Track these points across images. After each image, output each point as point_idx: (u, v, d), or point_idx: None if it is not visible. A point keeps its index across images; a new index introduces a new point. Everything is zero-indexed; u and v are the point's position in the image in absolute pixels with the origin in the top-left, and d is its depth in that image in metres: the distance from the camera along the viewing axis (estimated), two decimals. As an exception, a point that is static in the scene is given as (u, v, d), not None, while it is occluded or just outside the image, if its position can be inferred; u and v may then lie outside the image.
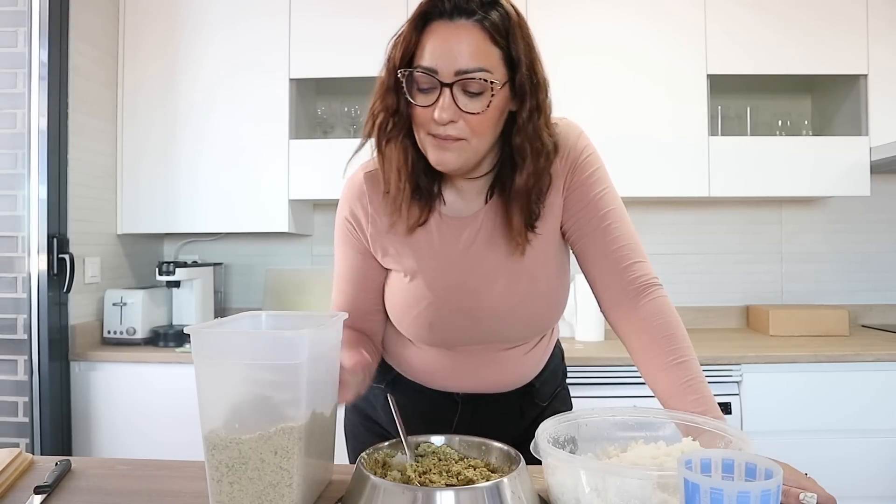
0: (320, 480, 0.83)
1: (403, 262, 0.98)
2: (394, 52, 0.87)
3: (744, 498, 0.51)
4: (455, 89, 0.83)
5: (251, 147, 2.30)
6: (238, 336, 0.80)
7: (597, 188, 0.97)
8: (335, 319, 0.83)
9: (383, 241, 0.99)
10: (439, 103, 0.83)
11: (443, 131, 0.84)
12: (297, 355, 0.71)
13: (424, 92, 0.85)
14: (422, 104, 0.85)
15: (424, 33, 0.85)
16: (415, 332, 1.00)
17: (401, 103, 0.88)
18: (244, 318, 0.87)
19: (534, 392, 1.08)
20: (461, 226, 0.97)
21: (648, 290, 0.95)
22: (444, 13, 0.83)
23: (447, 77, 0.83)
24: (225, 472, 0.72)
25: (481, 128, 0.86)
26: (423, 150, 0.89)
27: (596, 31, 2.25)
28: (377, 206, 0.98)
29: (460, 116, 0.84)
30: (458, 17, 0.83)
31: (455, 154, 0.86)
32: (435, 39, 0.83)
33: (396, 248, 0.98)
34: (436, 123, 0.84)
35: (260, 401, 0.75)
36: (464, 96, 0.83)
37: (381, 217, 0.98)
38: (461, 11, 0.83)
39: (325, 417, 0.82)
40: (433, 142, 0.87)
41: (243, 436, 0.72)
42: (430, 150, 0.88)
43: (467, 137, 0.85)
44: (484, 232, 0.96)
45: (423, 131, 0.87)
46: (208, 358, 0.74)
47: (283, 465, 0.72)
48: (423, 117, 0.86)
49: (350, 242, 1.02)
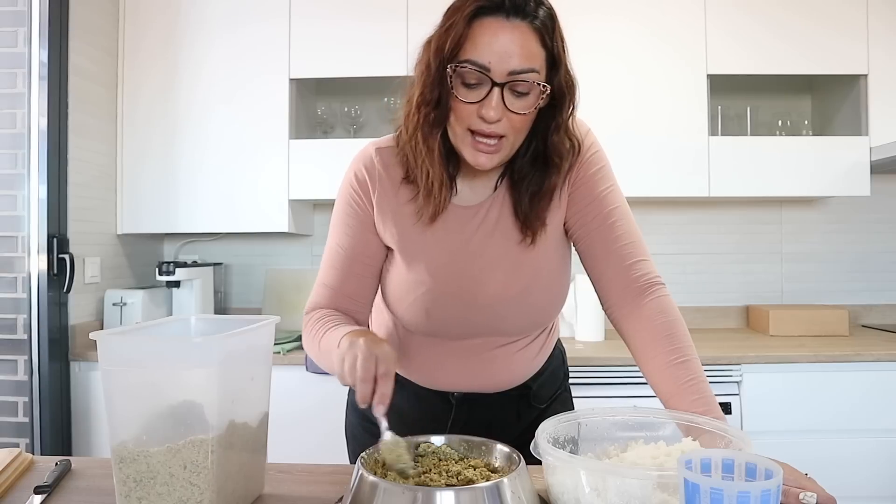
0: (243, 496, 0.78)
1: (405, 244, 0.97)
2: (441, 43, 0.84)
3: (744, 498, 0.51)
4: (505, 89, 0.82)
5: (251, 147, 2.30)
6: (145, 342, 0.76)
7: (602, 185, 0.97)
8: (263, 324, 0.80)
9: (386, 218, 0.97)
10: (489, 102, 0.82)
11: (488, 128, 0.84)
12: (208, 362, 0.68)
13: (470, 87, 0.84)
14: (468, 100, 0.84)
15: (473, 26, 0.83)
16: (411, 319, 0.99)
17: (443, 96, 0.86)
18: (171, 322, 0.83)
19: (531, 394, 1.07)
20: (468, 214, 0.97)
21: (651, 288, 0.95)
22: (501, 10, 0.82)
23: (500, 77, 0.82)
24: (133, 486, 0.69)
25: (522, 126, 0.87)
26: (457, 145, 0.89)
27: (596, 32, 2.24)
28: (385, 183, 0.97)
29: (505, 115, 0.84)
30: (515, 16, 0.82)
31: (494, 156, 0.87)
32: (488, 36, 0.82)
33: (400, 230, 0.97)
34: (481, 120, 0.84)
35: (168, 411, 0.70)
36: (511, 95, 0.83)
37: (387, 194, 0.97)
38: (518, 11, 0.82)
39: (250, 428, 0.78)
40: (472, 142, 0.86)
41: (151, 448, 0.68)
42: (467, 150, 0.87)
43: (507, 134, 0.86)
44: (489, 221, 0.97)
45: (462, 126, 0.86)
46: (115, 365, 0.70)
47: (193, 479, 0.68)
48: (467, 112, 0.85)
49: (353, 212, 0.99)
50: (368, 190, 0.98)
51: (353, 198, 0.99)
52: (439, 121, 0.88)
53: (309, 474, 0.93)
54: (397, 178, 0.97)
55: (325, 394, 1.97)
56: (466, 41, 0.83)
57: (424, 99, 0.87)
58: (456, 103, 0.85)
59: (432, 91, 0.86)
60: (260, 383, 0.80)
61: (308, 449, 1.55)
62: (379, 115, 2.53)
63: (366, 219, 0.99)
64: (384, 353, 0.79)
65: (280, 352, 2.06)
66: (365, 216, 0.99)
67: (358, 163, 1.00)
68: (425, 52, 0.88)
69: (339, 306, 1.00)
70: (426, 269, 0.96)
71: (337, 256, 1.00)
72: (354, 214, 0.99)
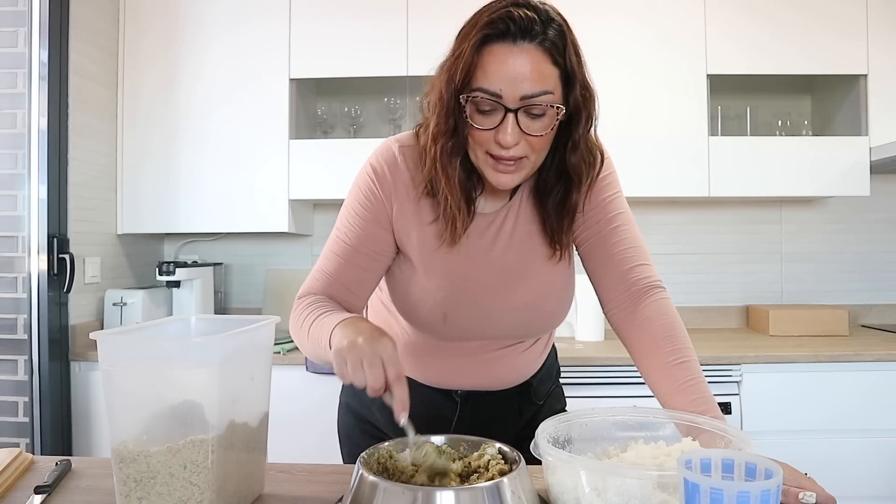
0: (243, 496, 0.79)
1: (427, 259, 0.96)
2: (452, 73, 0.84)
3: (744, 498, 0.51)
4: (520, 113, 0.82)
5: (251, 147, 2.30)
6: (145, 341, 0.76)
7: (608, 191, 0.99)
8: (263, 324, 0.80)
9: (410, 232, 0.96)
10: (504, 128, 0.82)
11: (506, 153, 0.84)
12: (208, 362, 0.67)
13: (484, 113, 0.84)
14: (483, 127, 0.84)
15: (482, 54, 0.82)
16: (427, 325, 0.99)
17: (459, 124, 0.86)
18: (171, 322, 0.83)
19: (531, 390, 1.09)
20: (486, 223, 0.97)
21: (651, 291, 0.96)
22: (508, 35, 0.81)
23: (512, 102, 0.82)
24: (133, 486, 0.68)
25: (541, 146, 0.87)
26: (479, 168, 0.89)
27: (596, 32, 2.25)
28: (408, 185, 0.95)
29: (522, 138, 0.84)
30: (522, 40, 0.81)
31: (516, 175, 0.87)
32: (497, 63, 0.81)
33: (422, 248, 0.96)
34: (499, 146, 0.84)
35: (169, 411, 0.70)
36: (526, 118, 0.83)
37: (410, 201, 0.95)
38: (525, 34, 0.81)
39: (250, 428, 0.78)
40: (493, 163, 0.86)
41: (151, 448, 0.68)
42: (488, 171, 0.87)
43: (528, 155, 0.86)
44: (506, 228, 0.97)
45: (481, 151, 0.86)
46: (115, 365, 0.69)
47: (192, 479, 0.68)
48: (484, 137, 0.85)
49: (367, 203, 0.96)
50: (390, 188, 0.95)
51: (370, 188, 0.96)
52: (458, 150, 0.88)
53: (309, 474, 0.93)
54: (421, 188, 0.95)
55: (325, 394, 1.96)
56: (477, 69, 0.82)
57: (440, 130, 0.87)
58: (472, 131, 0.85)
59: (447, 121, 0.86)
60: (260, 383, 0.80)
61: (308, 449, 1.55)
62: (379, 115, 2.53)
63: (379, 213, 0.96)
64: (388, 353, 0.76)
65: (280, 352, 2.06)
66: (379, 210, 0.96)
67: (379, 157, 0.97)
68: (437, 81, 0.87)
69: (334, 295, 0.96)
70: (445, 276, 0.96)
71: (340, 244, 0.97)
72: (368, 206, 0.96)
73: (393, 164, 0.96)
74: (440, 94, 0.86)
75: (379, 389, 0.75)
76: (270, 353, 0.82)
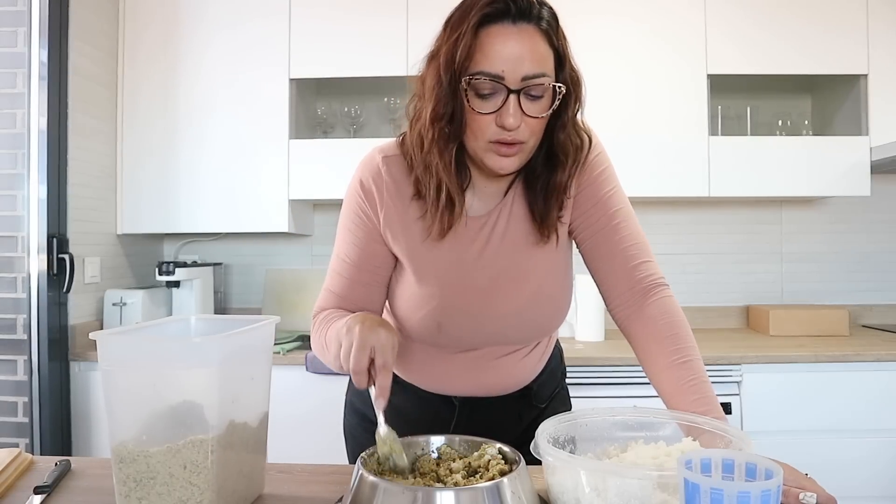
0: (243, 496, 0.79)
1: (416, 259, 0.96)
2: (451, 55, 0.82)
3: (744, 498, 0.51)
4: (521, 95, 0.82)
5: (251, 147, 2.30)
6: (145, 341, 0.76)
7: (606, 187, 0.98)
8: (263, 324, 0.80)
9: (396, 233, 0.96)
10: (507, 109, 0.82)
11: (509, 136, 0.84)
12: (208, 362, 0.67)
13: (485, 97, 0.83)
14: (484, 111, 0.83)
15: (481, 36, 0.82)
16: (422, 332, 0.99)
17: (457, 111, 0.85)
18: (171, 322, 0.83)
19: (532, 395, 1.08)
20: (478, 226, 0.96)
21: (655, 289, 0.95)
22: (507, 16, 0.81)
23: (514, 83, 0.81)
24: (133, 486, 0.68)
25: (539, 128, 0.86)
26: (476, 156, 0.88)
27: (596, 31, 2.25)
28: (394, 196, 0.95)
29: (523, 120, 0.83)
30: (521, 20, 0.81)
31: (516, 159, 0.87)
32: (498, 44, 0.81)
33: (410, 245, 0.96)
34: (501, 129, 0.83)
35: (168, 411, 0.70)
36: (526, 100, 0.83)
37: (397, 208, 0.95)
38: (523, 15, 0.81)
39: (251, 428, 0.78)
40: (495, 148, 0.85)
41: (151, 448, 0.68)
42: (490, 157, 0.86)
43: (526, 139, 0.85)
44: (498, 230, 0.96)
45: (481, 139, 0.85)
46: (115, 365, 0.69)
47: (192, 480, 0.68)
48: (485, 123, 0.84)
49: (359, 221, 0.97)
50: (375, 202, 0.96)
51: (359, 206, 0.97)
52: (455, 135, 0.87)
53: (309, 474, 0.93)
54: (407, 194, 0.95)
55: (325, 394, 1.96)
56: (476, 52, 0.82)
57: (438, 114, 0.86)
58: (472, 116, 0.84)
59: (446, 106, 0.85)
60: (260, 383, 0.79)
61: (308, 449, 1.55)
62: (379, 115, 2.53)
63: (372, 229, 0.97)
64: (381, 342, 0.77)
65: (280, 352, 2.06)
66: (371, 227, 0.97)
67: (364, 171, 0.97)
68: (432, 65, 0.86)
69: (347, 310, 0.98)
70: (437, 283, 0.96)
71: (343, 265, 0.99)
72: (361, 224, 0.97)
73: (378, 176, 0.96)
74: (437, 78, 0.84)
75: (361, 375, 0.76)
76: (270, 353, 0.82)
